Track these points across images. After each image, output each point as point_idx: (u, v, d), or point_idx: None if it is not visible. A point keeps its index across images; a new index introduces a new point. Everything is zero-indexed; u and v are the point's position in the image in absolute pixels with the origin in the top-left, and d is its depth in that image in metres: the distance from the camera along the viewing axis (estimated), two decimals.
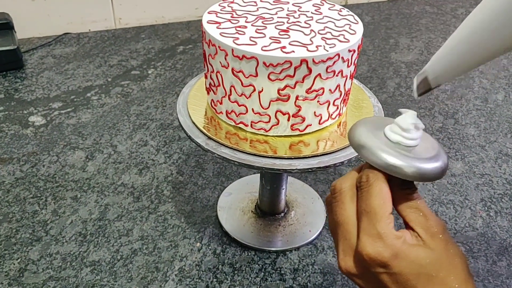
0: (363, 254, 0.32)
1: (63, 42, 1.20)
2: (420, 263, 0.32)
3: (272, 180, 0.66)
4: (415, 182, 0.36)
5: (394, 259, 0.32)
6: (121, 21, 1.28)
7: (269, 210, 0.70)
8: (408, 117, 0.36)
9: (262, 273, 0.63)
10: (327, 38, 0.51)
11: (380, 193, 0.33)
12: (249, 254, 0.66)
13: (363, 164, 0.36)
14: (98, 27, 1.27)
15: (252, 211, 0.71)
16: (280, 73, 0.49)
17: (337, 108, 0.56)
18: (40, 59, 1.11)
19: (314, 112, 0.53)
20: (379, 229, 0.32)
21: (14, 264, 0.63)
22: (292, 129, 0.54)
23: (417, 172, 0.34)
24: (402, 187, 0.35)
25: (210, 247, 0.66)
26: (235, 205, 0.72)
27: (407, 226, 0.34)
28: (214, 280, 0.62)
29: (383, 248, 0.32)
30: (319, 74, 0.50)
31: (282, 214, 0.71)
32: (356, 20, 0.56)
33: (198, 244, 0.67)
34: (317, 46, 0.49)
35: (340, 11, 0.58)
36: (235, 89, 0.52)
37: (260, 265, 0.64)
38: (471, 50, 0.32)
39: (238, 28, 0.52)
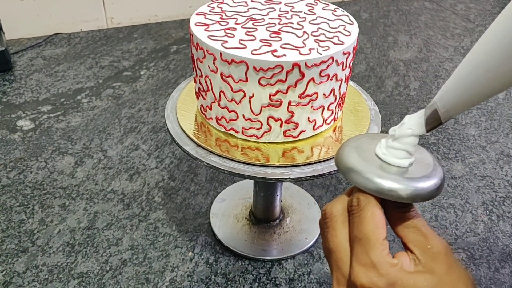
0: (356, 284, 0.30)
1: (54, 43, 1.17)
2: None
3: (266, 186, 0.63)
4: None
5: None
6: (113, 21, 1.26)
7: (263, 217, 0.68)
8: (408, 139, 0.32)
9: (256, 284, 0.61)
10: (320, 40, 0.49)
11: (372, 218, 0.31)
12: (243, 263, 0.63)
13: (353, 186, 0.33)
14: (89, 27, 1.24)
15: (246, 218, 0.69)
16: (271, 77, 0.46)
17: (332, 113, 0.53)
18: (29, 61, 1.08)
19: (308, 118, 0.51)
20: (373, 257, 0.29)
21: None
22: (285, 136, 0.52)
23: (413, 194, 0.31)
24: (398, 205, 0.32)
25: (202, 257, 0.64)
26: (228, 211, 0.70)
27: (406, 248, 0.32)
28: None
29: (377, 278, 0.29)
30: (312, 79, 0.47)
31: (277, 221, 0.68)
32: (351, 20, 0.54)
33: (190, 253, 0.64)
34: (310, 49, 0.47)
35: (335, 11, 0.56)
36: (224, 95, 0.50)
37: (254, 275, 0.62)
38: (488, 77, 0.28)
39: (227, 31, 0.50)
